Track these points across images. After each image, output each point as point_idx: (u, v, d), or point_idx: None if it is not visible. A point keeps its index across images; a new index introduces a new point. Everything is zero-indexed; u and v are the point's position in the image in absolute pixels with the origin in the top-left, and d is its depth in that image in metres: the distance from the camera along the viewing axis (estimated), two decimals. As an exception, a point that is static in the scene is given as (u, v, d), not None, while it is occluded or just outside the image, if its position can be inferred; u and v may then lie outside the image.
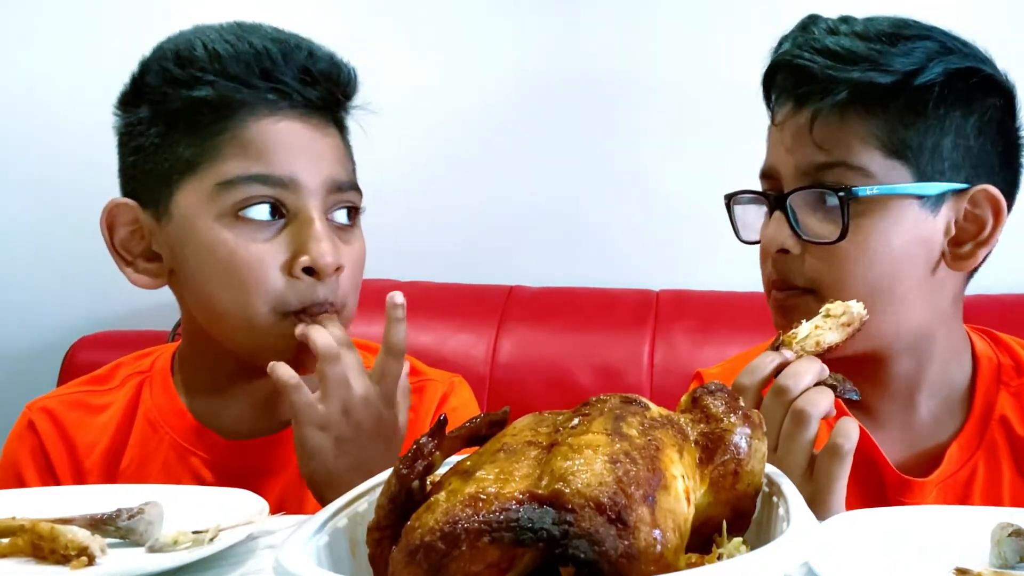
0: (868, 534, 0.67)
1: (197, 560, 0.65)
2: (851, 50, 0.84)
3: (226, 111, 0.89)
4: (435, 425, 0.54)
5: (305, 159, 0.90)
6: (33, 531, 0.68)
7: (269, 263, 0.88)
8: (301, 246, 0.88)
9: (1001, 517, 0.65)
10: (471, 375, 1.59)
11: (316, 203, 0.90)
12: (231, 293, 0.89)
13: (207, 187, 0.89)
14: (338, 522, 0.56)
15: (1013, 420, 0.91)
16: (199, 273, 0.91)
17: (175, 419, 0.99)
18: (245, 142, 0.89)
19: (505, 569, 0.45)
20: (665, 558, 0.46)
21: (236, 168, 0.88)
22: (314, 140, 0.92)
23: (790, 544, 0.47)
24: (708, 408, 0.58)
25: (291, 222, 0.90)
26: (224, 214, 0.88)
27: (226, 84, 0.89)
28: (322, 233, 0.89)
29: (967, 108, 0.86)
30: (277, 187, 0.89)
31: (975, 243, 0.87)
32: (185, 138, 0.90)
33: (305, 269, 0.88)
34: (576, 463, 0.47)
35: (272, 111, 0.90)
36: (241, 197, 0.88)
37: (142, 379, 1.02)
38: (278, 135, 0.90)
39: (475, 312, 1.67)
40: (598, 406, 0.55)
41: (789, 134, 0.88)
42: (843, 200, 0.82)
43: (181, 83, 0.89)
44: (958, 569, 0.60)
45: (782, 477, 0.59)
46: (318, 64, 0.93)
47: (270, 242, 0.89)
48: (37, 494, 0.81)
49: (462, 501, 0.46)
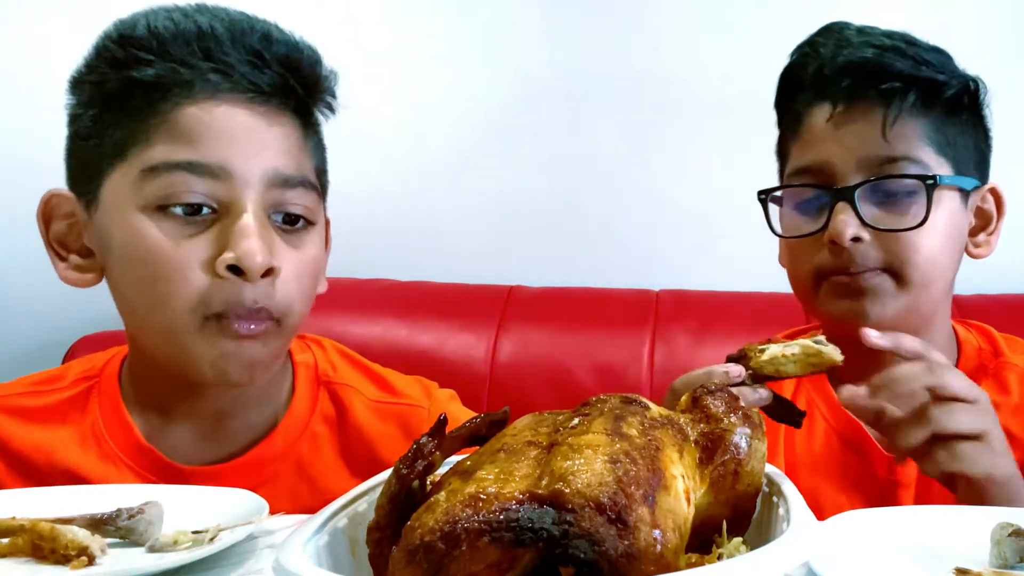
0: (868, 534, 0.67)
1: (197, 560, 0.65)
2: (920, 54, 0.93)
3: (161, 93, 0.81)
4: (435, 425, 0.54)
5: (243, 148, 0.82)
6: (33, 531, 0.68)
7: (190, 261, 0.80)
8: (227, 242, 0.80)
9: (1001, 517, 0.65)
10: (471, 375, 1.59)
11: (253, 196, 0.81)
12: (149, 294, 0.81)
13: (134, 174, 0.81)
14: (338, 522, 0.56)
15: (990, 393, 0.95)
16: (120, 271, 0.83)
17: (120, 433, 0.91)
18: (176, 126, 0.81)
19: (505, 569, 0.45)
20: (665, 558, 0.46)
21: (162, 154, 0.80)
22: (258, 129, 0.84)
23: (790, 544, 0.47)
24: (708, 408, 0.58)
25: (222, 217, 0.81)
26: (148, 205, 0.80)
27: (163, 64, 0.81)
28: (252, 228, 0.80)
29: (979, 113, 0.97)
30: (206, 176, 0.80)
31: (986, 234, 1.00)
32: (117, 121, 0.83)
33: (231, 268, 0.79)
34: (576, 463, 0.47)
35: (212, 94, 0.82)
36: (165, 186, 0.80)
37: (91, 384, 0.94)
38: (213, 120, 0.81)
39: (475, 312, 1.67)
40: (598, 406, 0.55)
41: (852, 129, 0.92)
42: (929, 188, 0.90)
43: (120, 64, 0.82)
44: (958, 569, 0.60)
45: (782, 477, 0.59)
46: (274, 48, 0.85)
47: (195, 238, 0.80)
48: (37, 494, 0.81)
49: (462, 501, 0.46)
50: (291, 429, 0.94)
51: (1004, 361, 0.99)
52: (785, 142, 1.01)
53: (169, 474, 0.89)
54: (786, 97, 1.01)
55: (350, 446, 0.96)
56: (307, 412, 0.96)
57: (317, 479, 0.94)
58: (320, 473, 0.94)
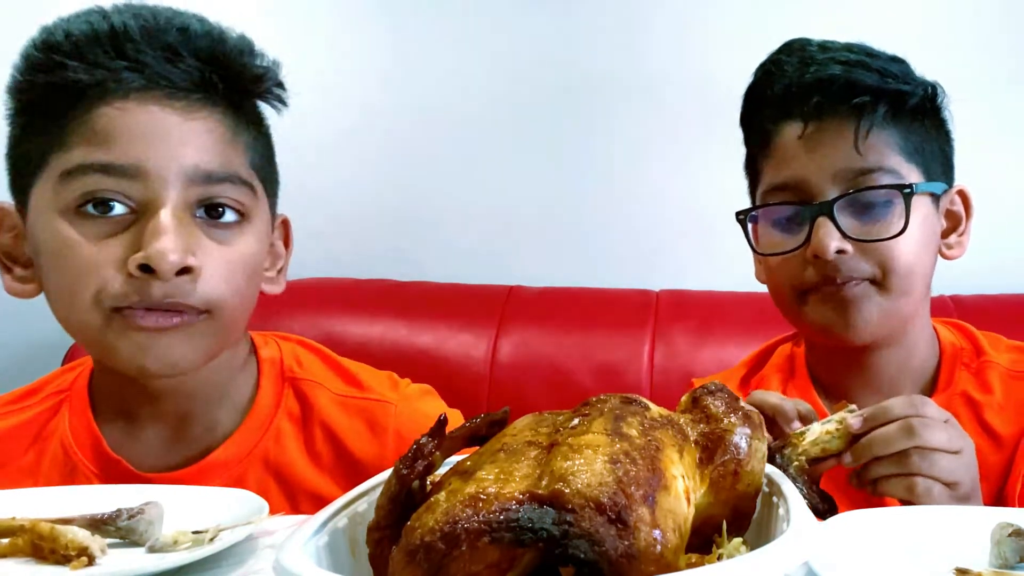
0: (868, 534, 0.67)
1: (197, 560, 0.65)
2: (884, 67, 0.94)
3: (77, 95, 0.81)
4: (435, 425, 0.54)
5: (159, 145, 0.81)
6: (33, 531, 0.68)
7: (103, 262, 0.79)
8: (139, 241, 0.79)
9: (1001, 517, 0.65)
10: (471, 375, 1.59)
11: (172, 194, 0.81)
12: (66, 294, 0.81)
13: (54, 178, 0.81)
14: (338, 522, 0.56)
15: (972, 391, 0.99)
16: (46, 274, 0.84)
17: (89, 445, 0.91)
18: (91, 128, 0.81)
19: (505, 569, 0.45)
20: (665, 558, 0.46)
21: (79, 156, 0.80)
22: (176, 125, 0.82)
23: (790, 544, 0.47)
24: (708, 408, 0.58)
25: (140, 216, 0.81)
26: (67, 208, 0.80)
27: (78, 66, 0.81)
28: (166, 227, 0.79)
29: (940, 117, 0.99)
30: (121, 177, 0.80)
31: (957, 235, 1.02)
32: (40, 127, 0.83)
33: (142, 267, 0.79)
34: (576, 463, 0.47)
35: (126, 94, 0.81)
36: (82, 188, 0.80)
37: (62, 398, 0.94)
38: (126, 119, 0.81)
39: (475, 312, 1.67)
40: (598, 406, 0.55)
41: (824, 144, 0.94)
42: (907, 197, 0.92)
43: (40, 69, 0.83)
44: (958, 569, 0.60)
45: (782, 477, 0.59)
46: (192, 43, 0.84)
47: (110, 239, 0.80)
48: (37, 494, 0.81)
49: (462, 501, 0.46)
50: (256, 427, 0.94)
51: (986, 360, 1.00)
52: (755, 160, 1.03)
53: (136, 481, 0.88)
54: (753, 115, 1.02)
55: (315, 442, 0.95)
56: (271, 409, 0.96)
57: (285, 476, 0.94)
58: (287, 470, 0.94)
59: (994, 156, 1.63)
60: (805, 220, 0.94)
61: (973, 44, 1.73)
